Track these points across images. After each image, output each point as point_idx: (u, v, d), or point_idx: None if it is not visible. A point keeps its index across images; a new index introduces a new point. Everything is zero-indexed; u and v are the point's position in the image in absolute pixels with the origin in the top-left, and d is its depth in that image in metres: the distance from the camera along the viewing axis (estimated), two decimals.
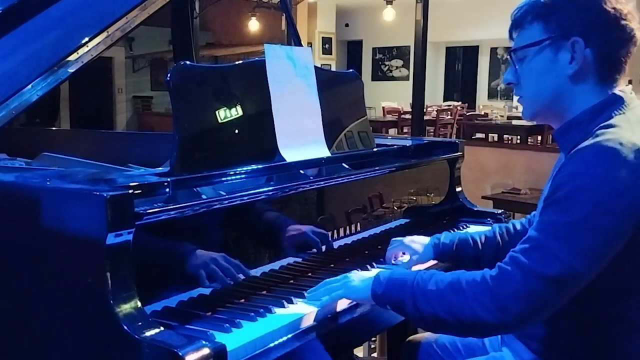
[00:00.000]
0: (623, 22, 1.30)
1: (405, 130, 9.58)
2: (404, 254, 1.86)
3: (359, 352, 3.01)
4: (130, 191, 1.26)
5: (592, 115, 1.33)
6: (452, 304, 1.29)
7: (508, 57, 1.43)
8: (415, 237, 1.86)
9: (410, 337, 1.85)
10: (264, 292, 1.59)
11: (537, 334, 1.42)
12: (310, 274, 1.73)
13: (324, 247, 1.82)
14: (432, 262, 1.87)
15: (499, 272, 1.27)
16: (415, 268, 1.82)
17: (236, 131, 1.73)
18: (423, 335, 1.81)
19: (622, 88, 1.35)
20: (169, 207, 1.37)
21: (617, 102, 1.32)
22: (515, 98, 1.49)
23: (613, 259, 1.23)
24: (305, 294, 1.53)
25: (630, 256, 1.25)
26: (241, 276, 1.56)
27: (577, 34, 1.31)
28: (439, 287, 1.32)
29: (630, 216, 1.20)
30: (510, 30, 1.42)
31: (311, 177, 1.86)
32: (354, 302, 1.54)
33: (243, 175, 1.64)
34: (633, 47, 1.33)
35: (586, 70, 1.33)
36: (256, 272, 1.62)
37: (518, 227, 1.76)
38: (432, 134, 9.58)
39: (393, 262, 1.87)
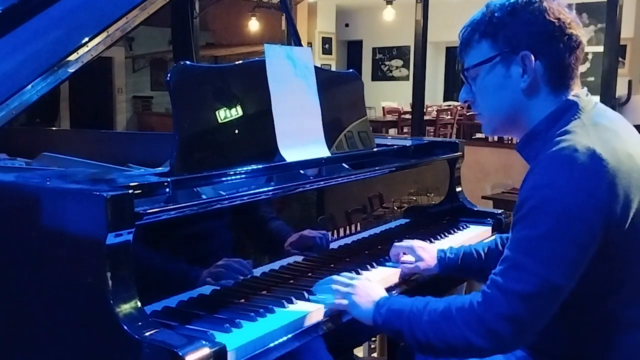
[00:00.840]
0: (568, 30, 1.33)
1: (405, 130, 9.58)
2: (404, 254, 1.87)
3: (359, 352, 3.01)
4: (130, 191, 1.26)
5: (550, 124, 1.36)
6: (445, 333, 1.31)
7: (461, 76, 1.46)
8: (424, 245, 1.87)
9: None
10: (264, 292, 1.59)
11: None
12: (310, 274, 1.73)
13: (323, 246, 1.82)
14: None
15: (483, 297, 1.29)
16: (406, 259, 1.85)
17: (236, 131, 1.73)
18: None
19: (576, 92, 1.38)
20: (169, 207, 1.37)
21: (572, 108, 1.35)
22: None
23: (591, 262, 1.24)
24: (313, 288, 1.57)
25: (608, 257, 1.26)
26: (241, 277, 1.56)
27: (526, 48, 1.34)
28: (432, 317, 1.34)
29: (597, 220, 1.22)
30: (460, 51, 1.46)
31: (311, 177, 1.86)
32: None
33: (243, 175, 1.64)
34: (580, 53, 1.36)
35: (538, 82, 1.36)
36: (256, 272, 1.62)
37: None
38: (432, 134, 9.58)
39: (396, 259, 1.88)
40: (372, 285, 1.54)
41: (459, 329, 1.29)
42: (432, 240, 2.14)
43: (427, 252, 1.84)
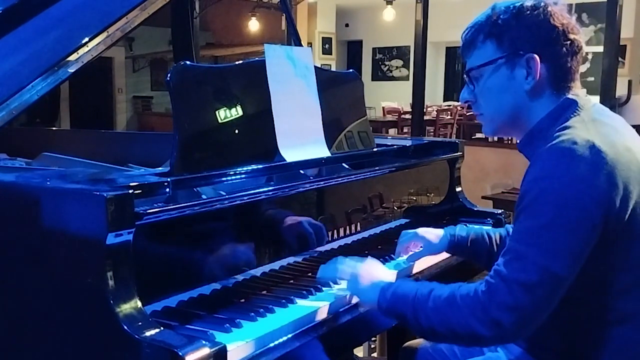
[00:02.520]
0: (570, 35, 1.37)
1: (405, 130, 9.59)
2: (415, 243, 1.88)
3: (359, 352, 3.01)
4: (130, 191, 1.26)
5: (550, 122, 1.38)
6: (449, 320, 1.32)
7: (464, 77, 1.48)
8: (429, 229, 1.88)
9: (407, 343, 1.86)
10: (264, 292, 1.59)
11: (532, 335, 1.43)
12: (310, 274, 1.73)
13: (321, 243, 1.83)
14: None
15: (487, 287, 1.30)
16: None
17: (236, 131, 1.73)
18: (420, 341, 1.82)
19: (575, 92, 1.40)
20: (169, 207, 1.37)
21: (572, 106, 1.38)
22: None
23: (591, 254, 1.26)
24: (318, 272, 1.63)
25: (608, 248, 1.28)
26: (238, 279, 1.56)
27: (531, 50, 1.36)
28: (437, 304, 1.35)
29: (597, 210, 1.23)
30: (463, 51, 1.47)
31: (311, 177, 1.86)
32: (354, 303, 1.56)
33: (243, 175, 1.64)
34: (581, 58, 1.40)
35: (542, 84, 1.39)
36: (256, 272, 1.62)
37: None
38: (432, 134, 9.58)
39: (404, 255, 1.89)
40: (376, 269, 1.56)
41: (463, 316, 1.30)
42: None
43: (432, 234, 1.85)
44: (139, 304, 1.23)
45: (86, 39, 1.85)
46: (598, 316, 1.35)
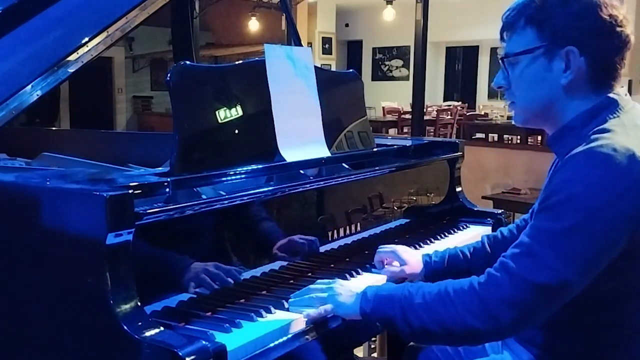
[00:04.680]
0: (619, 28, 1.27)
1: (405, 130, 9.58)
2: (393, 261, 1.81)
3: (359, 352, 3.01)
4: (130, 191, 1.26)
5: (586, 120, 1.30)
6: (441, 315, 1.27)
7: (499, 61, 1.40)
8: (408, 250, 1.82)
9: (412, 342, 1.84)
10: (264, 292, 1.59)
11: (537, 338, 1.41)
12: (310, 274, 1.73)
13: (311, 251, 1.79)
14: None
15: (487, 278, 1.26)
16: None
17: (236, 131, 1.73)
18: None
19: (616, 90, 1.33)
20: (168, 207, 1.37)
21: (612, 106, 1.30)
22: None
23: (611, 265, 1.22)
24: (289, 300, 1.50)
25: (628, 263, 1.24)
26: (237, 279, 1.55)
27: (572, 42, 1.27)
28: (427, 300, 1.30)
29: (623, 224, 1.18)
30: (502, 32, 1.39)
31: (311, 177, 1.85)
32: None
33: (243, 175, 1.64)
34: (627, 52, 1.31)
35: (580, 79, 1.30)
36: (256, 272, 1.62)
37: (506, 233, 1.75)
38: (432, 134, 9.58)
39: (381, 266, 1.83)
40: (351, 283, 1.51)
41: (457, 310, 1.25)
42: (432, 240, 2.14)
43: (411, 256, 1.78)
44: (139, 304, 1.23)
45: (86, 39, 1.85)
46: (614, 328, 1.32)
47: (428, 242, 2.11)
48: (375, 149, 2.22)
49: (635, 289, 1.30)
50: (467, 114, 10.59)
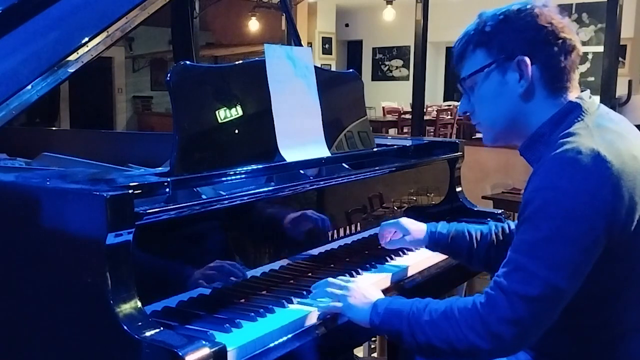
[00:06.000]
0: (561, 34, 1.34)
1: (405, 130, 9.58)
2: (396, 232, 1.88)
3: (359, 352, 3.01)
4: (130, 191, 1.26)
5: (553, 126, 1.35)
6: (447, 333, 1.30)
7: (459, 87, 1.47)
8: (412, 221, 1.87)
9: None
10: (264, 292, 1.59)
11: (536, 341, 1.42)
12: (310, 274, 1.73)
13: (322, 246, 1.82)
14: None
15: (486, 299, 1.28)
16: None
17: (236, 131, 1.73)
18: None
19: (579, 95, 1.38)
20: (168, 207, 1.37)
21: (575, 110, 1.35)
22: None
23: (596, 265, 1.23)
24: (311, 288, 1.56)
25: (611, 260, 1.25)
26: (237, 279, 1.55)
27: (520, 53, 1.34)
28: (433, 317, 1.33)
29: (600, 222, 1.21)
30: (456, 64, 1.46)
31: (311, 177, 1.86)
32: None
33: (243, 175, 1.64)
34: (576, 57, 1.37)
35: (535, 86, 1.36)
36: (256, 272, 1.62)
37: (513, 227, 1.76)
38: (432, 134, 9.58)
39: (383, 244, 1.89)
40: (367, 288, 1.53)
41: (461, 329, 1.28)
42: None
43: (414, 225, 1.84)
44: (139, 304, 1.23)
45: (86, 39, 1.85)
46: (606, 327, 1.33)
47: None
48: (375, 149, 2.22)
49: (622, 286, 1.31)
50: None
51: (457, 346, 1.29)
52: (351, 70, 2.33)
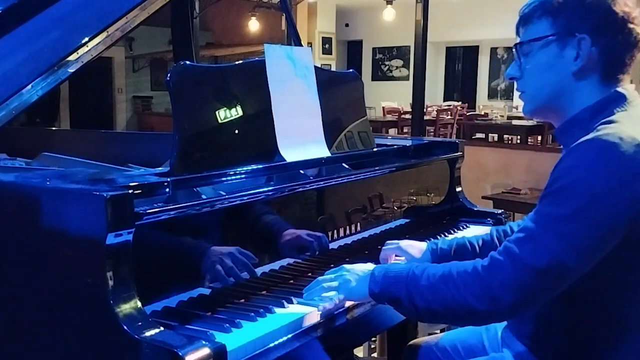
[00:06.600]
0: (630, 25, 1.32)
1: (405, 130, 9.58)
2: (397, 256, 1.83)
3: (359, 352, 3.01)
4: (130, 191, 1.26)
5: (594, 113, 1.33)
6: (444, 296, 1.30)
7: (513, 51, 1.44)
8: (412, 242, 1.83)
9: (411, 342, 1.84)
10: (264, 292, 1.59)
11: (536, 335, 1.43)
12: (310, 274, 1.72)
13: (321, 248, 1.81)
14: None
15: (490, 262, 1.28)
16: None
17: (236, 131, 1.73)
18: (423, 339, 1.81)
19: (625, 86, 1.36)
20: (168, 207, 1.37)
21: (619, 100, 1.33)
22: (516, 97, 1.50)
23: (607, 254, 1.23)
24: (303, 293, 1.53)
25: (625, 252, 1.25)
26: (246, 275, 1.55)
27: (584, 32, 1.32)
28: (431, 281, 1.33)
29: (625, 209, 1.20)
30: (518, 26, 1.43)
31: (311, 177, 1.86)
32: (354, 303, 1.54)
33: (243, 175, 1.64)
34: (637, 52, 1.34)
35: (590, 68, 1.34)
36: (256, 272, 1.62)
37: (515, 229, 1.76)
38: (432, 134, 9.59)
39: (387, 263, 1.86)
40: (359, 265, 1.53)
41: (459, 291, 1.28)
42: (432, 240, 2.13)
43: (415, 248, 1.80)
44: (139, 304, 1.23)
45: (86, 39, 1.85)
46: (609, 320, 1.33)
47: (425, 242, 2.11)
48: (375, 149, 2.22)
49: (628, 282, 1.31)
50: (467, 114, 10.60)
51: (455, 309, 1.29)
52: (351, 70, 2.33)
